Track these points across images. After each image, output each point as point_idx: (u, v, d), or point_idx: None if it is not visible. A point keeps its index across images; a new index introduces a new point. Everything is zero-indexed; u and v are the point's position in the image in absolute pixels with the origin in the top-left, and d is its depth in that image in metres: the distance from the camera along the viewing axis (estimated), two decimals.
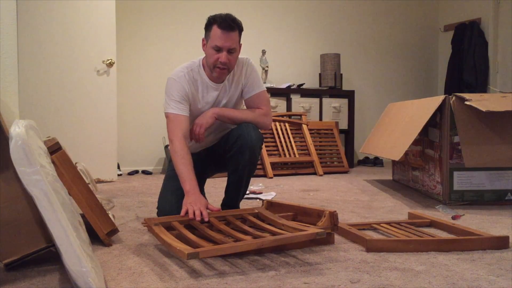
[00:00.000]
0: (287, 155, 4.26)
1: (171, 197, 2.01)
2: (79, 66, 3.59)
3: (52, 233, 1.21)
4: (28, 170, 1.22)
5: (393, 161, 3.59)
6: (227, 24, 1.89)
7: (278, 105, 4.62)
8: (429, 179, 2.87)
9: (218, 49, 1.91)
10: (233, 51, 1.93)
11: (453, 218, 2.26)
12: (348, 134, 4.97)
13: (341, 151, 4.59)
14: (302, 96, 4.71)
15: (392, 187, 3.39)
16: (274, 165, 4.15)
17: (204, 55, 2.02)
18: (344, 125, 4.92)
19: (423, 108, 2.85)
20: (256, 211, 1.90)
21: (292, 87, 4.68)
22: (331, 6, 5.29)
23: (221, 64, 1.92)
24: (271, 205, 2.08)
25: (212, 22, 1.92)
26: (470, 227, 1.94)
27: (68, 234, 1.19)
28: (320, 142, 4.58)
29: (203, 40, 2.00)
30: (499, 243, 1.71)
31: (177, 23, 4.58)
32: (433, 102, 2.72)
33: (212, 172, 2.33)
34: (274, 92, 4.58)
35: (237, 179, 2.04)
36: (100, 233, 1.72)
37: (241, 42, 2.00)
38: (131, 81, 4.42)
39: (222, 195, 2.22)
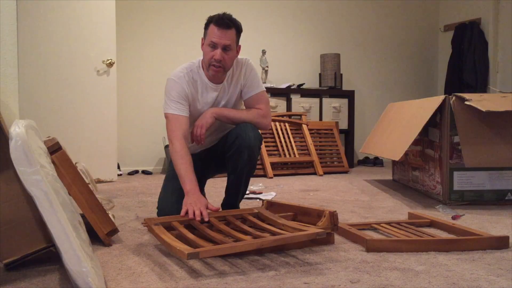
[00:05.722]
0: (287, 155, 4.26)
1: (171, 197, 2.01)
2: (79, 66, 3.59)
3: (52, 233, 1.21)
4: (28, 170, 1.22)
5: (393, 161, 3.59)
6: (223, 21, 1.90)
7: (278, 105, 4.62)
8: (429, 179, 2.87)
9: (213, 46, 1.91)
10: (228, 48, 1.92)
11: (453, 218, 2.26)
12: (348, 134, 4.97)
13: (341, 151, 4.59)
14: (302, 96, 4.71)
15: (392, 187, 3.39)
16: (274, 165, 4.15)
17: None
18: (344, 125, 4.92)
19: (423, 108, 2.85)
20: (256, 211, 1.90)
21: (292, 87, 4.68)
22: (331, 6, 5.29)
23: (216, 62, 1.91)
24: (271, 205, 2.08)
25: (210, 20, 1.94)
26: (470, 227, 1.94)
27: (68, 234, 1.19)
28: (320, 142, 4.58)
29: (202, 39, 2.00)
30: (499, 243, 1.71)
31: (177, 23, 4.58)
32: (433, 102, 2.72)
33: (212, 173, 2.33)
34: (274, 92, 4.59)
35: (236, 179, 2.04)
36: (100, 233, 1.72)
37: (240, 44, 2.00)
38: (131, 81, 4.42)
39: (222, 195, 2.22)
